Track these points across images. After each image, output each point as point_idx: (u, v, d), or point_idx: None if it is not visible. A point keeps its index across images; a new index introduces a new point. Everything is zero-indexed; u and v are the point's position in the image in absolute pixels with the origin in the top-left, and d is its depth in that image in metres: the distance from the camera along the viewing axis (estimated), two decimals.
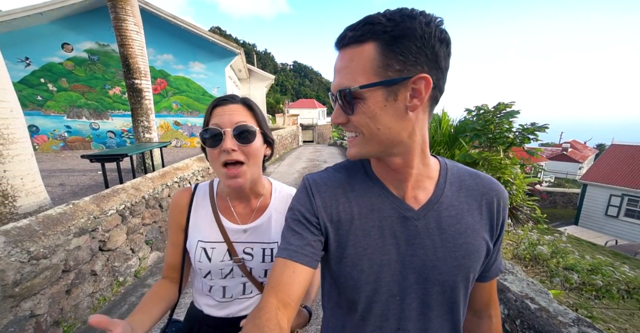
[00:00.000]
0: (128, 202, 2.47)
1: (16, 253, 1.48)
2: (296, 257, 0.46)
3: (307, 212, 0.50)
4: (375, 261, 0.48)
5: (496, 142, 2.64)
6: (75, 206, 1.99)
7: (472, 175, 0.54)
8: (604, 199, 11.04)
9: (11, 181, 2.71)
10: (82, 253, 1.95)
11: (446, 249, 0.48)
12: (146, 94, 5.34)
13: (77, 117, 8.41)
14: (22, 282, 1.50)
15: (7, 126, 2.72)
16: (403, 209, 0.49)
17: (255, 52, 72.06)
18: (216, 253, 0.70)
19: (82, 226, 1.95)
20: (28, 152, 2.93)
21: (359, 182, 0.52)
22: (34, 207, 2.91)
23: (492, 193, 0.52)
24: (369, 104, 0.42)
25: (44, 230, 1.69)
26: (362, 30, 0.40)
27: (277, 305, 0.43)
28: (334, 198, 0.51)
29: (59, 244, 1.76)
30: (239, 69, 11.63)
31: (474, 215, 0.51)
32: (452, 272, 0.48)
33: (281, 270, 0.46)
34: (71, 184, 4.74)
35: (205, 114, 0.68)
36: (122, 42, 4.97)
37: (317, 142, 25.11)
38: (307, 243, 0.48)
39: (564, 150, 28.36)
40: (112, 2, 4.76)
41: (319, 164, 8.71)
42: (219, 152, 0.64)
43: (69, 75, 8.02)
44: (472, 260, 0.49)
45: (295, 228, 0.50)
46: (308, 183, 0.53)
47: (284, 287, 0.45)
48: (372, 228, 0.49)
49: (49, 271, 1.67)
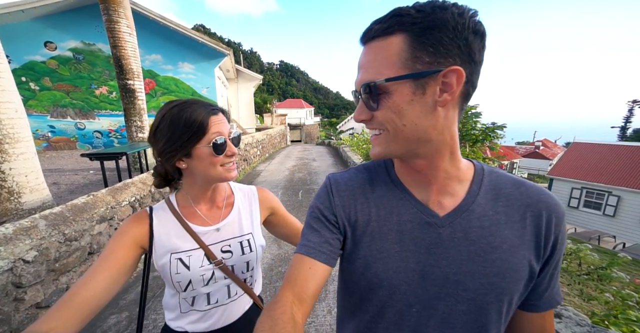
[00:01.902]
0: (137, 195, 2.70)
1: (55, 235, 1.72)
2: (314, 253, 0.47)
3: (326, 210, 0.50)
4: (390, 266, 0.46)
5: (463, 139, 3.09)
6: (95, 197, 2.22)
7: (516, 184, 0.47)
8: (567, 192, 12.19)
9: (17, 178, 2.86)
10: (103, 239, 2.19)
11: (474, 263, 0.43)
12: (139, 94, 5.45)
13: (62, 117, 8.25)
14: (60, 259, 1.74)
15: (12, 126, 2.87)
16: (425, 214, 0.46)
17: (241, 51, 71.07)
18: (193, 260, 0.69)
19: (102, 214, 2.19)
20: (32, 150, 3.08)
21: (380, 183, 0.51)
22: (38, 203, 3.06)
23: (540, 205, 0.45)
24: (395, 98, 0.40)
25: (74, 216, 1.92)
26: (390, 22, 0.39)
27: (293, 300, 0.43)
28: (353, 198, 0.51)
29: (85, 229, 2.00)
30: (227, 69, 11.72)
31: (513, 229, 0.44)
32: (480, 290, 0.43)
33: (298, 265, 0.46)
34: (65, 183, 4.80)
35: (194, 121, 0.63)
36: (115, 43, 5.06)
37: (305, 142, 25.39)
38: (325, 241, 0.48)
39: (537, 148, 30.27)
40: (105, 5, 4.86)
41: (308, 162, 9.04)
42: (223, 157, 0.67)
43: (52, 74, 7.87)
44: (508, 280, 0.43)
45: (314, 226, 0.50)
46: (329, 183, 0.53)
47: (300, 283, 0.44)
48: (389, 232, 0.47)
49: (79, 252, 1.91)
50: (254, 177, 6.88)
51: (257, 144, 8.91)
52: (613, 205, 10.99)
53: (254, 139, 8.46)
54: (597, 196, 11.51)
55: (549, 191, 0.48)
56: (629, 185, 10.54)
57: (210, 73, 9.21)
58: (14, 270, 1.43)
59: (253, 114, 15.23)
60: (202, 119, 0.64)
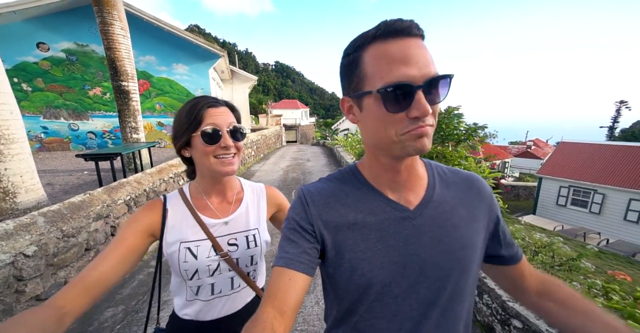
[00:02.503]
0: (133, 194, 2.79)
1: (54, 231, 1.81)
2: (292, 264, 0.47)
3: (302, 220, 0.51)
4: (375, 264, 0.48)
5: (447, 139, 3.24)
6: (91, 196, 2.31)
7: (453, 171, 0.57)
8: (555, 190, 12.53)
9: (12, 178, 2.90)
10: (99, 236, 2.27)
11: (443, 244, 0.49)
12: (133, 96, 5.50)
13: (55, 118, 8.22)
14: (58, 254, 1.83)
15: (7, 127, 2.92)
16: (399, 210, 0.50)
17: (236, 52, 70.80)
18: (201, 250, 0.72)
19: (99, 212, 2.27)
20: (27, 151, 3.13)
21: (352, 189, 0.53)
22: (33, 203, 3.11)
23: (477, 184, 0.56)
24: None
25: (71, 214, 2.01)
26: (419, 28, 0.42)
27: (274, 314, 0.43)
28: (329, 205, 0.52)
29: (82, 226, 2.08)
30: (221, 71, 11.77)
31: (465, 208, 0.52)
32: (450, 265, 0.49)
33: (277, 278, 0.47)
34: (59, 184, 4.82)
35: (191, 112, 0.69)
36: (109, 45, 5.11)
37: (301, 142, 25.47)
38: (303, 251, 0.49)
39: (528, 148, 30.84)
40: (99, 7, 4.90)
41: (302, 162, 9.15)
42: (215, 147, 0.69)
43: (45, 75, 7.84)
44: (469, 251, 0.50)
45: (291, 237, 0.50)
46: (303, 195, 0.54)
47: (281, 295, 0.45)
48: (370, 232, 0.50)
49: (76, 248, 2.00)
50: (248, 177, 6.96)
51: (252, 144, 8.99)
52: (598, 203, 11.34)
53: (248, 140, 8.54)
54: (584, 194, 11.86)
55: (473, 172, 0.60)
56: (613, 183, 10.89)
57: (205, 74, 9.26)
58: (15, 263, 1.52)
59: (248, 115, 15.28)
60: (199, 110, 0.68)
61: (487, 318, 1.73)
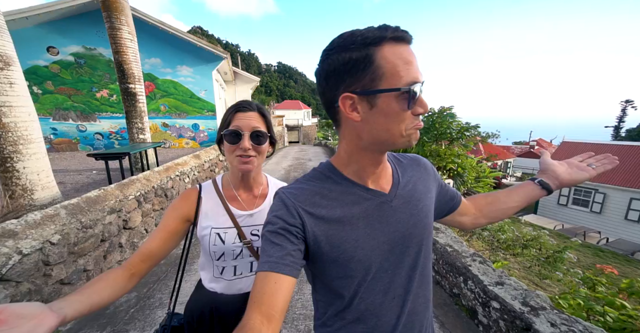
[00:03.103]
0: (142, 190, 2.97)
1: (74, 222, 1.98)
2: (277, 268, 0.47)
3: (287, 223, 0.51)
4: (367, 248, 0.53)
5: (440, 138, 3.37)
6: (105, 191, 2.48)
7: (402, 156, 0.68)
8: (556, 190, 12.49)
9: (29, 176, 3.10)
10: (113, 228, 2.45)
11: (414, 216, 0.57)
12: (140, 98, 5.70)
13: (64, 119, 8.48)
14: (78, 243, 2.00)
15: (26, 128, 3.12)
16: (379, 196, 0.56)
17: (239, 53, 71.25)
18: (228, 236, 0.82)
19: (112, 206, 2.45)
20: (42, 151, 3.33)
21: (333, 185, 0.56)
22: (48, 199, 3.30)
23: (421, 162, 0.68)
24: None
25: (88, 207, 2.19)
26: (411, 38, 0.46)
27: (261, 320, 0.43)
28: (315, 204, 0.54)
29: (98, 219, 2.26)
30: (224, 72, 11.98)
31: (421, 183, 0.63)
32: (421, 231, 0.58)
33: (262, 283, 0.46)
34: (70, 182, 5.03)
35: (225, 115, 0.82)
36: (117, 49, 5.31)
37: (303, 143, 25.64)
38: (287, 254, 0.49)
39: (531, 148, 30.70)
40: (108, 13, 5.11)
41: (304, 162, 9.31)
42: (236, 147, 0.78)
43: (54, 78, 8.11)
44: (430, 216, 0.61)
45: (274, 241, 0.50)
46: (285, 196, 0.55)
47: (267, 300, 0.44)
48: (357, 221, 0.53)
49: (93, 238, 2.17)
50: None
51: None
52: (599, 202, 11.35)
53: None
54: (585, 194, 11.87)
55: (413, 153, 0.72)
56: (614, 182, 10.90)
57: (208, 76, 9.46)
58: (43, 250, 1.69)
59: None
60: (230, 113, 0.80)
61: (471, 302, 1.87)
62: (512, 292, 1.63)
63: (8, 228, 1.54)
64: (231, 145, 0.78)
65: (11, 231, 1.55)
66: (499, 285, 1.72)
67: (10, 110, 2.90)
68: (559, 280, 2.32)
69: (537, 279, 2.38)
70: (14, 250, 1.48)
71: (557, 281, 2.32)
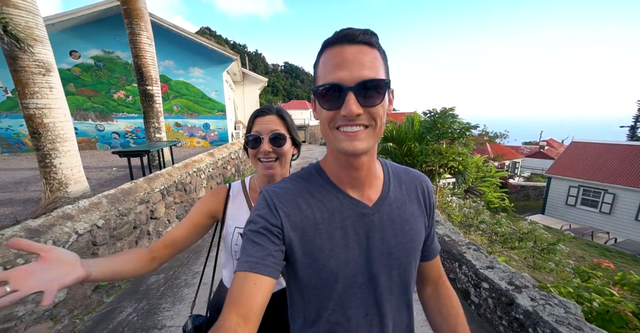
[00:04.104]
0: (165, 184, 3.26)
1: (113, 210, 2.27)
2: (257, 268, 0.46)
3: (268, 222, 0.51)
4: (341, 259, 0.51)
5: (442, 137, 3.55)
6: (136, 184, 2.77)
7: (405, 171, 0.63)
8: (565, 190, 12.44)
9: (64, 171, 3.42)
10: (142, 217, 2.74)
11: (398, 237, 0.54)
12: (157, 99, 6.03)
13: (84, 119, 8.95)
14: (116, 228, 2.29)
15: (62, 127, 3.45)
16: (360, 207, 0.54)
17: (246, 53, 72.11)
18: None
19: (142, 197, 2.74)
20: (75, 148, 3.65)
21: (317, 188, 0.55)
22: (80, 193, 3.62)
23: (423, 184, 0.62)
24: (386, 98, 0.47)
25: (123, 197, 2.47)
26: (372, 37, 0.45)
27: (237, 321, 0.42)
28: (297, 206, 0.53)
29: (131, 208, 2.54)
30: (234, 73, 12.32)
31: (413, 204, 0.59)
32: (404, 256, 0.55)
33: (241, 283, 0.45)
34: (94, 178, 5.40)
35: (248, 122, 0.85)
36: (137, 53, 5.65)
37: (309, 142, 25.90)
38: (269, 254, 0.48)
39: (541, 148, 30.18)
40: (129, 19, 5.45)
41: (310, 160, 9.54)
42: (257, 151, 0.80)
43: (76, 81, 8.58)
44: (417, 242, 0.57)
45: (255, 240, 0.49)
46: (268, 195, 0.54)
47: (245, 301, 0.44)
48: (335, 230, 0.52)
49: (127, 225, 2.46)
50: None
51: None
52: (609, 203, 11.21)
53: None
54: (594, 194, 11.73)
55: (420, 172, 0.67)
56: (624, 183, 10.76)
57: (219, 77, 9.80)
58: (92, 232, 1.98)
59: None
60: (251, 119, 0.84)
61: (464, 285, 2.07)
62: (500, 274, 1.83)
63: (67, 212, 1.83)
64: (253, 150, 0.81)
65: (69, 214, 1.83)
66: (489, 268, 1.92)
67: (50, 111, 3.22)
68: (551, 270, 2.48)
69: (530, 270, 2.54)
70: (72, 230, 1.77)
71: (550, 271, 2.48)
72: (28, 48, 2.73)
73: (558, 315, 1.39)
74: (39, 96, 3.08)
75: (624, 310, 1.84)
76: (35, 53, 2.91)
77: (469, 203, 3.91)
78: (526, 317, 1.47)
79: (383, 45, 0.48)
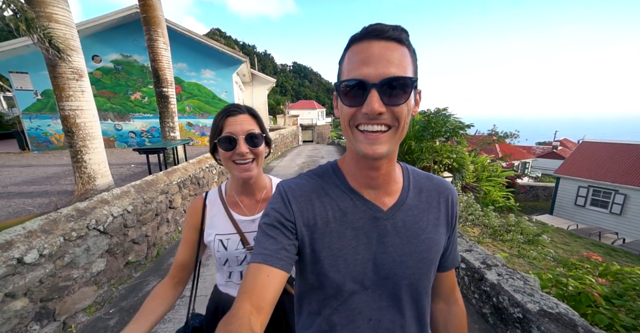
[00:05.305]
0: (182, 177, 3.61)
1: (139, 198, 2.62)
2: (271, 261, 0.47)
3: (283, 217, 0.51)
4: (350, 261, 0.51)
5: (436, 135, 3.76)
6: (157, 176, 3.13)
7: (428, 177, 0.61)
8: (574, 191, 12.27)
9: (93, 166, 3.81)
10: (162, 206, 3.09)
11: (411, 245, 0.53)
12: (172, 100, 6.45)
13: (103, 120, 9.54)
14: (142, 214, 2.64)
15: (91, 127, 3.85)
16: (374, 210, 0.53)
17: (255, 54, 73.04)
18: (231, 243, 0.80)
19: (162, 189, 3.09)
20: (101, 145, 4.04)
21: (332, 187, 0.55)
22: (105, 186, 4.02)
23: (446, 192, 0.59)
24: (411, 98, 0.44)
25: (147, 187, 2.82)
26: (401, 34, 0.43)
27: (251, 310, 0.43)
28: (310, 202, 0.53)
29: (153, 197, 2.89)
30: (243, 74, 12.75)
31: (433, 213, 0.56)
32: (417, 265, 0.53)
33: (255, 274, 0.46)
34: (115, 174, 5.84)
35: (215, 122, 0.78)
36: (154, 57, 6.07)
37: (317, 142, 26.16)
38: (282, 247, 0.49)
39: (554, 148, 29.46)
40: (147, 27, 5.87)
41: (317, 159, 9.84)
42: (232, 154, 0.76)
43: (97, 83, 9.16)
44: (433, 253, 0.54)
45: (270, 233, 0.50)
46: (283, 190, 0.55)
47: (258, 291, 0.45)
48: (346, 230, 0.52)
49: (151, 212, 2.81)
50: (267, 171, 7.78)
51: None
52: (620, 204, 11.01)
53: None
54: (604, 194, 11.53)
55: (447, 180, 0.62)
56: (635, 183, 10.55)
57: (229, 78, 10.22)
58: (123, 215, 2.33)
59: (267, 116, 16.21)
60: (220, 119, 0.77)
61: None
62: (476, 256, 2.07)
63: (104, 197, 2.18)
64: (227, 152, 0.77)
65: (106, 200, 2.18)
66: (467, 251, 2.15)
67: (82, 112, 3.62)
68: (533, 258, 2.67)
69: (515, 258, 2.74)
70: (109, 213, 2.12)
71: (533, 258, 2.67)
72: (67, 57, 3.11)
73: (517, 286, 1.62)
74: (73, 99, 3.49)
75: (592, 291, 2.05)
76: (71, 61, 3.30)
77: (463, 198, 4.10)
78: (491, 289, 1.71)
79: None
